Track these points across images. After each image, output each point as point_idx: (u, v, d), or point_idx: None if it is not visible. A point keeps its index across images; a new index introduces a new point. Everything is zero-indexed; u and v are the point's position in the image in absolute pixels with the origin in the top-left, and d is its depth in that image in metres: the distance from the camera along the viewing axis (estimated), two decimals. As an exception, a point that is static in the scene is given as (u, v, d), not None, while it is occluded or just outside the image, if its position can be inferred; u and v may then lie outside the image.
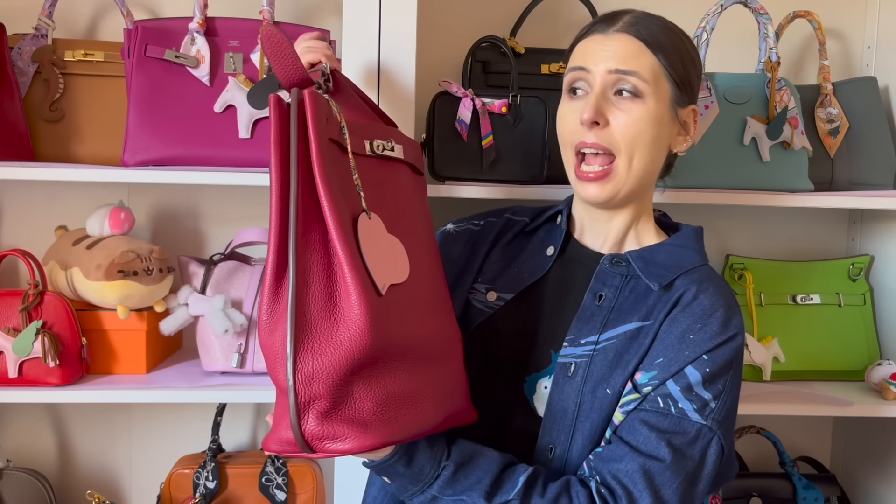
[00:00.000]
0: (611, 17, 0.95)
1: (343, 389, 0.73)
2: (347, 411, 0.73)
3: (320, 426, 0.72)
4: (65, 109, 1.30)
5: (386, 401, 0.75)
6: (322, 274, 0.73)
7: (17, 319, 1.20)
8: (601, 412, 0.89)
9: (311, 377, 0.71)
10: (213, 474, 1.36)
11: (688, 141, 0.99)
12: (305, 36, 1.01)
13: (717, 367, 0.88)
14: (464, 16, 1.52)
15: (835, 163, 1.43)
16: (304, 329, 0.71)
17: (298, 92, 0.74)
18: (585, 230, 1.01)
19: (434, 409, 0.80)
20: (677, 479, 0.83)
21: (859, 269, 1.50)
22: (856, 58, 1.60)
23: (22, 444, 1.52)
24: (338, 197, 0.74)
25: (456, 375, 0.88)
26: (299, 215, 0.72)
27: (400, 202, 0.87)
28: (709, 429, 0.86)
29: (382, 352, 0.74)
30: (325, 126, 0.75)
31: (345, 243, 0.72)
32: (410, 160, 0.91)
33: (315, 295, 0.72)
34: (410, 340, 0.78)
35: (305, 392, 0.71)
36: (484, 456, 0.85)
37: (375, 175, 0.84)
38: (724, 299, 0.91)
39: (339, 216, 0.73)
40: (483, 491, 0.82)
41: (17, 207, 1.48)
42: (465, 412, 0.89)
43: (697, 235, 1.00)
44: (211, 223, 1.51)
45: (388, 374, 0.76)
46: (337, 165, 0.76)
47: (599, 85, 0.91)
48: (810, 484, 1.45)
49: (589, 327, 0.93)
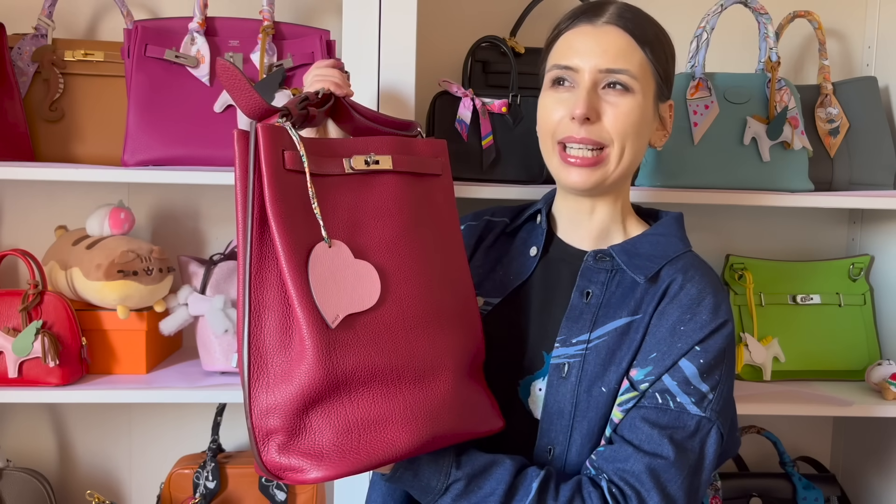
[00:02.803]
0: (596, 8, 0.94)
1: (299, 422, 0.74)
2: (305, 443, 0.74)
3: (279, 458, 0.74)
4: (65, 109, 1.30)
5: (346, 430, 0.75)
6: (279, 309, 0.75)
7: (17, 319, 1.20)
8: (598, 411, 0.89)
9: (267, 411, 0.74)
10: (213, 474, 1.36)
11: (665, 136, 1.00)
12: (319, 64, 1.00)
13: (711, 358, 0.88)
14: (464, 16, 1.52)
15: (835, 163, 1.43)
16: (258, 364, 0.74)
17: (253, 125, 0.75)
18: (568, 227, 1.01)
19: (409, 432, 0.77)
20: (682, 474, 0.84)
21: (859, 269, 1.50)
22: (856, 58, 1.60)
23: (22, 444, 1.52)
24: (290, 229, 0.74)
25: (446, 392, 0.83)
26: (253, 252, 0.74)
27: (394, 216, 0.84)
28: (707, 420, 0.87)
29: (339, 383, 0.74)
30: (280, 157, 0.75)
31: (295, 277, 0.73)
32: (407, 168, 0.88)
33: (270, 330, 0.74)
34: (378, 366, 0.77)
35: (262, 426, 0.74)
36: (496, 465, 0.85)
37: (357, 195, 0.82)
38: (711, 286, 0.91)
39: (290, 249, 0.73)
40: (497, 501, 0.82)
41: (17, 207, 1.48)
42: (479, 423, 0.87)
43: (679, 222, 0.99)
44: (211, 223, 1.51)
45: (350, 403, 0.76)
46: (296, 196, 0.76)
47: (590, 81, 0.91)
48: (810, 484, 1.45)
49: (579, 326, 0.92)
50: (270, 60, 1.26)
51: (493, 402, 0.90)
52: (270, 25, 1.26)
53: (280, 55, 1.27)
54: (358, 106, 0.94)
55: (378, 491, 1.00)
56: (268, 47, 1.26)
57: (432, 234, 0.88)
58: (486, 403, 0.89)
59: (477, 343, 0.90)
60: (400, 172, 0.87)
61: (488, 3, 1.51)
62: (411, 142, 0.90)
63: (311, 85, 0.94)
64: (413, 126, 0.96)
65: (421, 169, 0.90)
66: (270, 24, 1.27)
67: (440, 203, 0.92)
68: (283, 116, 0.77)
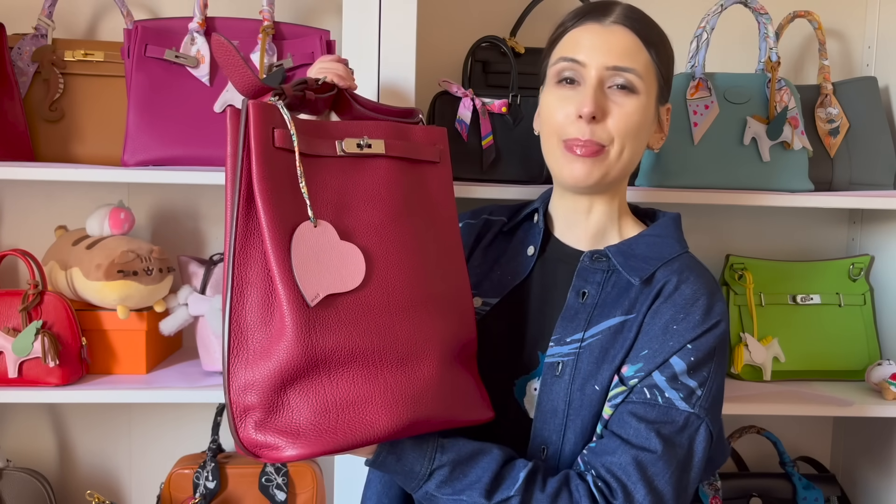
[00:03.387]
0: (603, 8, 0.94)
1: (277, 399, 0.74)
2: (282, 421, 0.75)
3: (256, 435, 0.74)
4: (65, 109, 1.30)
5: (324, 409, 0.75)
6: (261, 286, 0.75)
7: (17, 319, 1.20)
8: (591, 409, 0.89)
9: (245, 387, 0.74)
10: (213, 474, 1.36)
11: (662, 139, 1.01)
12: (324, 58, 1.01)
13: (701, 355, 0.88)
14: (464, 16, 1.52)
15: (835, 163, 1.43)
16: (239, 340, 0.75)
17: (244, 102, 0.76)
18: (564, 227, 1.01)
19: (388, 414, 0.77)
20: (669, 468, 0.84)
21: (859, 269, 1.50)
22: (856, 58, 1.60)
23: (22, 444, 1.52)
24: (276, 206, 0.75)
25: (429, 377, 0.83)
26: (239, 228, 0.75)
27: (385, 201, 0.84)
28: (696, 416, 0.86)
29: (317, 361, 0.75)
30: (269, 135, 0.76)
31: (278, 254, 0.74)
32: (401, 153, 0.88)
33: (252, 307, 0.75)
34: (359, 347, 0.78)
35: (240, 402, 0.75)
36: (483, 453, 0.85)
37: (348, 177, 0.83)
38: (706, 287, 0.91)
39: (274, 226, 0.74)
40: (483, 489, 0.82)
41: (17, 207, 1.48)
42: (465, 411, 0.87)
43: (676, 223, 0.99)
44: (211, 223, 1.51)
45: (328, 383, 0.76)
46: (284, 174, 0.77)
47: (596, 78, 0.91)
48: (810, 484, 1.45)
49: (574, 325, 0.93)
50: (270, 60, 1.26)
51: (482, 392, 0.91)
52: (270, 25, 1.27)
53: (280, 55, 1.27)
54: (360, 98, 0.94)
55: (373, 489, 1.00)
56: (268, 47, 1.26)
57: (424, 220, 0.88)
58: (475, 392, 0.89)
59: (468, 332, 0.90)
60: (393, 157, 0.87)
61: (488, 3, 1.51)
62: (408, 128, 0.90)
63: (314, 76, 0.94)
64: (415, 113, 0.96)
65: (415, 155, 0.90)
66: (270, 24, 1.27)
67: (435, 191, 0.91)
68: (276, 95, 0.78)
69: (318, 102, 0.87)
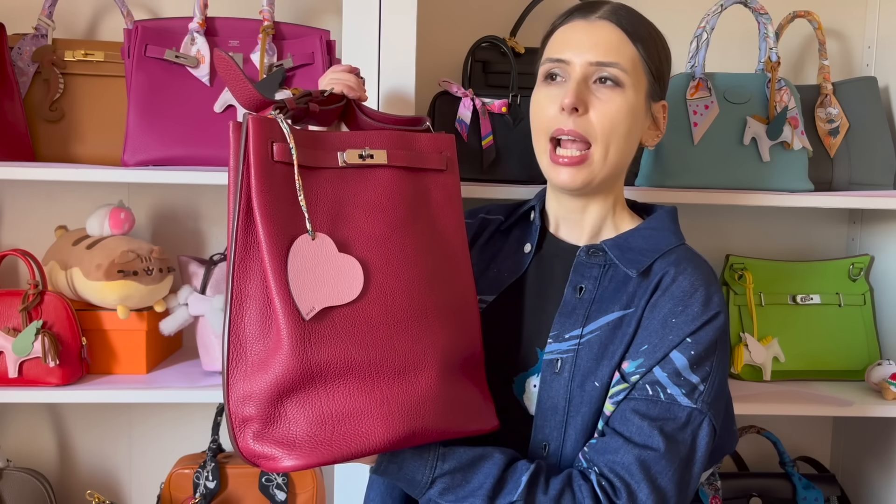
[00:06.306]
0: (591, 5, 0.95)
1: (274, 411, 0.75)
2: (280, 432, 0.75)
3: (254, 446, 0.75)
4: (65, 109, 1.30)
5: (321, 421, 0.76)
6: (260, 298, 0.76)
7: (17, 319, 1.20)
8: (591, 405, 0.89)
9: (244, 399, 0.76)
10: (213, 474, 1.36)
11: (658, 136, 1.00)
12: (335, 68, 1.00)
13: (702, 350, 0.88)
14: (464, 16, 1.52)
15: (835, 163, 1.43)
16: (238, 352, 0.76)
17: (245, 116, 0.76)
18: (561, 225, 1.01)
19: (385, 426, 0.77)
20: (672, 466, 0.84)
21: (859, 269, 1.50)
22: (856, 58, 1.60)
23: (22, 444, 1.52)
24: (274, 220, 0.76)
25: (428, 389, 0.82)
26: (238, 242, 0.76)
27: (387, 211, 0.84)
28: (699, 411, 0.86)
29: (314, 374, 0.76)
30: (268, 149, 0.77)
31: (274, 268, 0.75)
32: (403, 163, 0.87)
33: (251, 319, 0.76)
34: (355, 360, 0.78)
35: (238, 413, 0.76)
36: (485, 458, 0.84)
37: (350, 189, 0.83)
38: (704, 278, 0.91)
39: (272, 239, 0.75)
40: (485, 495, 0.82)
41: (17, 207, 1.48)
42: (468, 422, 0.86)
43: (672, 216, 0.99)
44: (211, 223, 1.51)
45: (325, 395, 0.77)
46: (283, 187, 0.77)
47: (580, 74, 0.91)
48: (810, 484, 1.45)
49: (572, 321, 0.92)
50: (270, 60, 1.26)
51: (488, 402, 0.90)
52: (270, 25, 1.27)
53: (280, 55, 1.27)
54: (367, 109, 0.94)
55: (376, 490, 1.00)
56: (268, 47, 1.26)
57: (428, 229, 0.88)
58: (479, 402, 0.89)
59: (473, 342, 0.90)
60: (396, 167, 0.87)
61: (488, 3, 1.51)
62: (413, 136, 0.90)
63: (324, 86, 0.95)
64: (422, 121, 0.95)
65: (419, 164, 0.89)
66: (270, 24, 1.27)
67: (441, 199, 0.91)
68: (277, 109, 0.78)
69: (327, 114, 0.87)
